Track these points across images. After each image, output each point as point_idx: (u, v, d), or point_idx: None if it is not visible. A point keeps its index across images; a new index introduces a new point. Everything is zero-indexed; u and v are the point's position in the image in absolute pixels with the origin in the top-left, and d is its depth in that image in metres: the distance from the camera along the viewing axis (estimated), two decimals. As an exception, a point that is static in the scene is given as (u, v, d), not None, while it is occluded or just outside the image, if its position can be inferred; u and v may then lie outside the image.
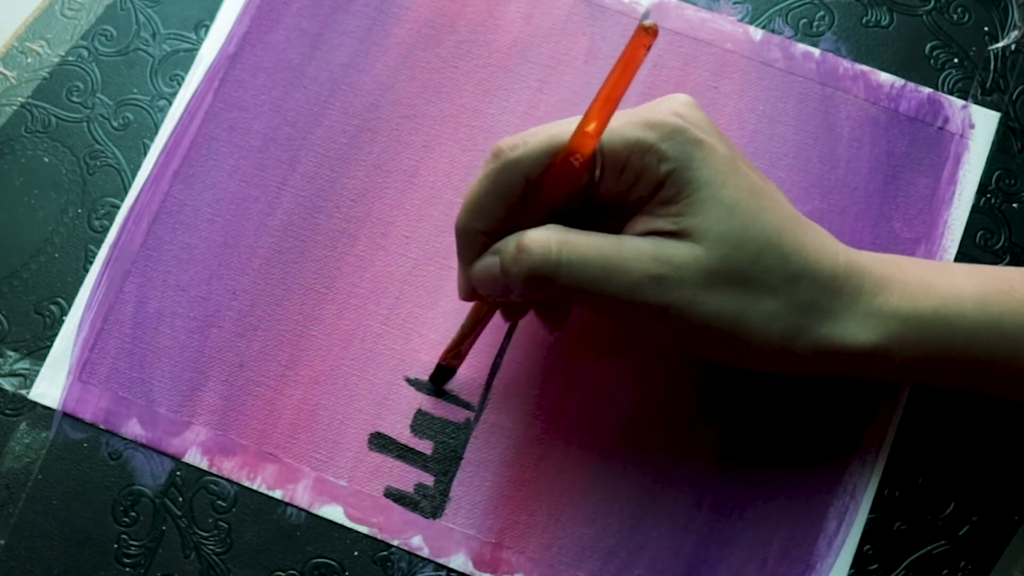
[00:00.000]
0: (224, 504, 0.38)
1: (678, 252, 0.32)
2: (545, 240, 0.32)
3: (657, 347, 0.39)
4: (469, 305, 0.39)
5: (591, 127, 0.31)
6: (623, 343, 0.39)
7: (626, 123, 0.32)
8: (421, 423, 0.38)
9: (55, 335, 0.39)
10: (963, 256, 0.40)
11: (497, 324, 0.39)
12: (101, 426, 0.38)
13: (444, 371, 0.38)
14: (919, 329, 0.33)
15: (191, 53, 0.42)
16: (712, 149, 0.32)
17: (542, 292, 0.32)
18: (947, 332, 0.33)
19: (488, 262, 0.33)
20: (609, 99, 0.31)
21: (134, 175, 0.41)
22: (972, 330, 0.33)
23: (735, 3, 0.43)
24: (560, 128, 0.32)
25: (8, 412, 0.39)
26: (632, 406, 0.39)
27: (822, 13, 0.43)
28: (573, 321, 0.39)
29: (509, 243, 0.32)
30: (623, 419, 0.38)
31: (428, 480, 0.38)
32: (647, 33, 0.30)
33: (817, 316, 0.33)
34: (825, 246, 0.33)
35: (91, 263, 0.40)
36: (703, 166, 0.32)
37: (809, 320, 0.33)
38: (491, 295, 0.34)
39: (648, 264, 0.32)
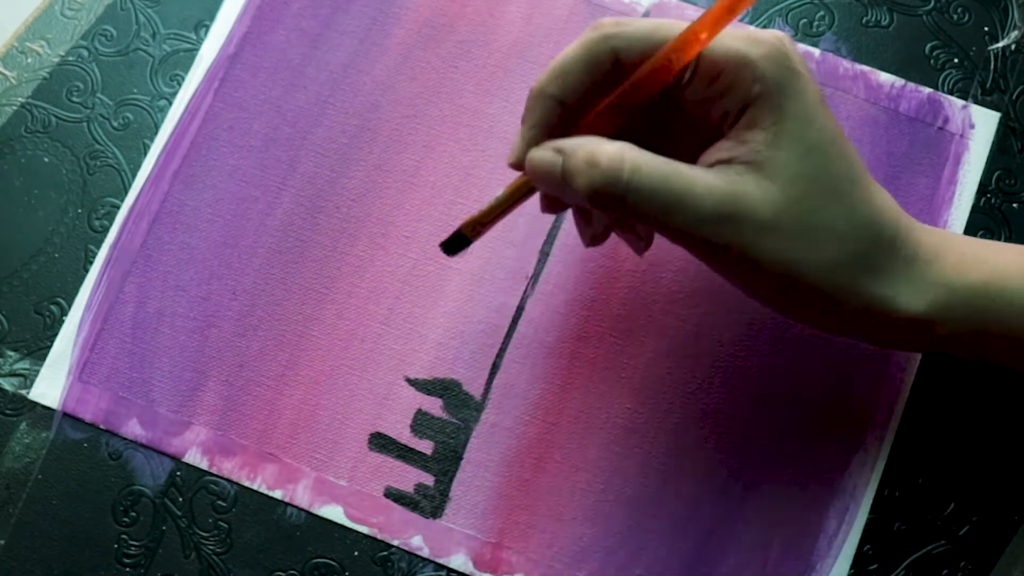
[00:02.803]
0: (224, 504, 0.38)
1: (749, 192, 0.31)
2: (619, 159, 0.31)
3: (657, 348, 0.39)
4: (468, 307, 0.39)
5: (703, 35, 0.30)
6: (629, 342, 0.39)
7: (729, 33, 0.31)
8: (421, 423, 0.38)
9: (55, 335, 0.39)
10: (963, 256, 0.40)
11: (498, 325, 0.39)
12: (101, 426, 0.38)
13: (461, 240, 0.36)
14: (967, 300, 0.33)
15: (191, 53, 0.42)
16: (808, 83, 0.31)
17: (603, 208, 0.32)
18: (994, 306, 0.33)
19: (549, 159, 0.32)
20: (728, 12, 0.30)
21: (134, 175, 0.41)
22: (1020, 305, 0.33)
23: (735, 3, 0.43)
24: (664, 22, 0.32)
25: (8, 412, 0.39)
26: (632, 406, 0.39)
27: (822, 13, 0.43)
28: (578, 314, 0.39)
29: (577, 149, 0.31)
30: (623, 419, 0.38)
31: (428, 480, 0.38)
32: None
33: (873, 274, 0.33)
34: (890, 206, 0.33)
35: (91, 263, 0.40)
36: (794, 97, 0.31)
37: (865, 277, 0.32)
38: (543, 191, 0.33)
39: (717, 203, 0.31)
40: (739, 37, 0.31)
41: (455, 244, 0.36)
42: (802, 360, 0.39)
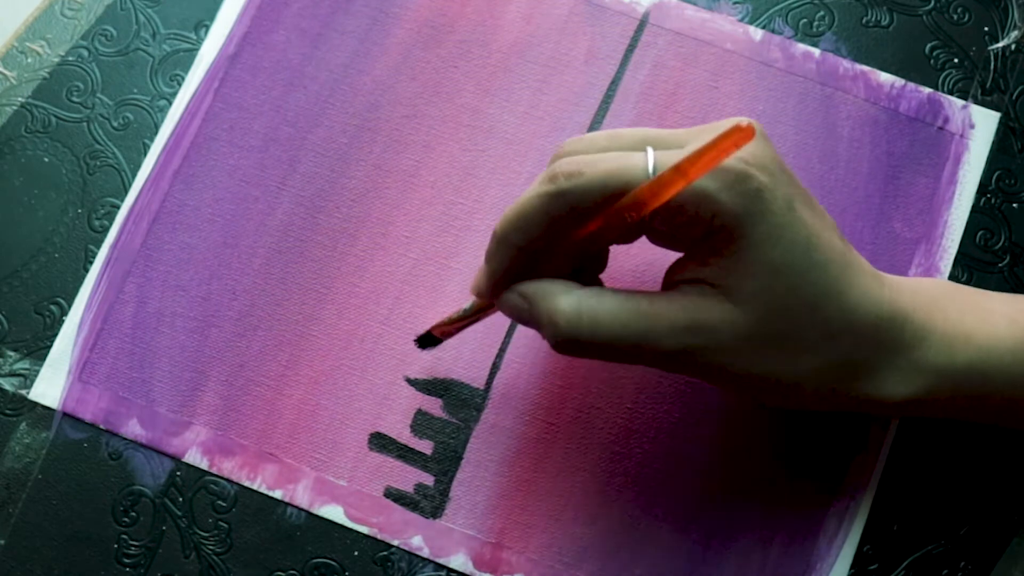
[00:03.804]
0: (224, 504, 0.38)
1: (714, 317, 0.31)
2: (576, 316, 0.31)
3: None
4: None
5: (663, 193, 0.29)
6: None
7: None
8: (421, 423, 0.38)
9: (55, 335, 0.39)
10: (963, 256, 0.40)
11: (498, 325, 0.39)
12: (101, 426, 0.38)
13: (431, 339, 0.38)
14: (955, 382, 0.33)
15: (191, 53, 0.42)
16: (772, 199, 0.30)
17: (571, 353, 0.33)
18: (982, 383, 0.33)
19: (517, 303, 0.33)
20: (684, 177, 0.29)
21: (134, 175, 0.41)
22: (1009, 381, 0.33)
23: (735, 3, 0.43)
24: (620, 164, 0.30)
25: (8, 412, 0.39)
26: (633, 405, 0.39)
27: (822, 13, 0.43)
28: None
29: (539, 300, 0.32)
30: (623, 419, 0.38)
31: (428, 480, 0.38)
32: (741, 134, 0.28)
33: (855, 371, 0.33)
34: (871, 294, 0.32)
35: (91, 263, 0.40)
36: (759, 222, 0.30)
37: (847, 375, 0.33)
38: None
39: (681, 336, 0.31)
40: None
41: (427, 342, 0.38)
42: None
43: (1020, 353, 0.33)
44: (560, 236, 0.32)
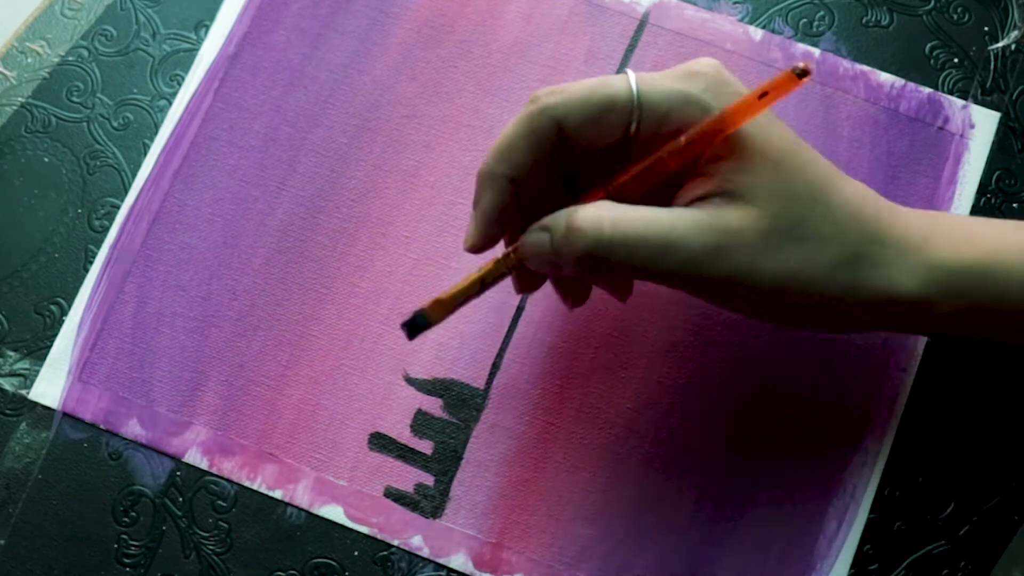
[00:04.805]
0: (224, 504, 0.38)
1: (731, 220, 0.31)
2: (596, 219, 0.31)
3: (656, 348, 0.39)
4: (468, 307, 0.39)
5: (734, 123, 0.31)
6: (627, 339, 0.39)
7: (666, 74, 0.32)
8: (421, 423, 0.38)
9: (55, 335, 0.39)
10: (963, 256, 0.40)
11: (498, 325, 0.39)
12: (101, 426, 0.38)
13: (422, 322, 0.33)
14: (963, 279, 0.33)
15: (191, 53, 0.42)
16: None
17: (596, 271, 0.32)
18: (991, 284, 0.33)
19: (537, 238, 0.32)
20: (755, 107, 0.31)
21: (134, 175, 0.41)
22: (1017, 282, 0.33)
23: (735, 3, 0.43)
24: (602, 81, 0.32)
25: (8, 412, 0.39)
26: (633, 406, 0.39)
27: (822, 13, 0.43)
28: (579, 318, 0.39)
29: (559, 220, 0.32)
30: (623, 419, 0.38)
31: (428, 480, 0.38)
32: (799, 75, 0.30)
33: (868, 266, 0.33)
34: (868, 196, 0.33)
35: (91, 263, 0.40)
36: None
37: (861, 271, 0.33)
38: (539, 270, 0.33)
39: (705, 235, 0.31)
40: (677, 75, 0.32)
41: (417, 327, 0.34)
42: (802, 360, 0.39)
43: None
44: (547, 171, 0.32)
